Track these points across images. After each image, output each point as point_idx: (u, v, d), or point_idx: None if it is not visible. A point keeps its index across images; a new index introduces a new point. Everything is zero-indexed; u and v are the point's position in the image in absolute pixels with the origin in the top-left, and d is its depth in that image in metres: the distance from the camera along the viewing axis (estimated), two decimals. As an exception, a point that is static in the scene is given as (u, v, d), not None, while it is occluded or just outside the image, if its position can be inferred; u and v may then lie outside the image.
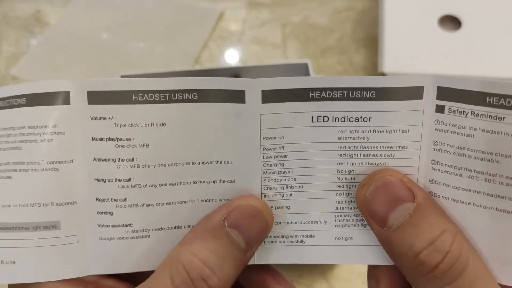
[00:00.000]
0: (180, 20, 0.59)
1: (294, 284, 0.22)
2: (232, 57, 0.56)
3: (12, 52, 0.57)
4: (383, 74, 0.47)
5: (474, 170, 0.19)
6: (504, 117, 0.18)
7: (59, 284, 0.20)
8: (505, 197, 0.19)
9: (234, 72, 0.45)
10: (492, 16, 0.49)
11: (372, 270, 0.22)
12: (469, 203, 0.19)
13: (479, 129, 0.19)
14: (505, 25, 0.49)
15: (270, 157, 0.20)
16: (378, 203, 0.19)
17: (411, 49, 0.48)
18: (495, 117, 0.18)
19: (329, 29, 0.58)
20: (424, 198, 0.19)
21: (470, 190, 0.19)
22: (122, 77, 0.43)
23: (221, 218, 0.19)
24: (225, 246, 0.18)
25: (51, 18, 0.60)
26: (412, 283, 0.19)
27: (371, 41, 0.56)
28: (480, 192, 0.19)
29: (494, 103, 0.18)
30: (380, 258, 0.21)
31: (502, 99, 0.18)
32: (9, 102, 0.20)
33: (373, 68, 0.54)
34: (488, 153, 0.19)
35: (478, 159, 0.19)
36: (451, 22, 0.50)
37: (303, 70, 0.45)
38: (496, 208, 0.19)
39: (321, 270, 0.41)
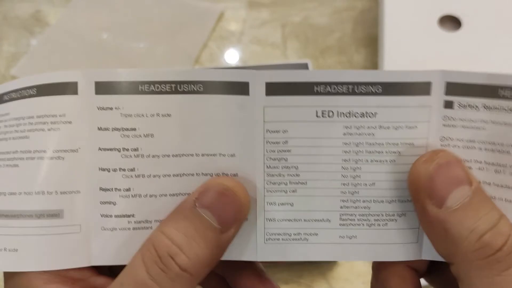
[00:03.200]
0: (180, 20, 0.59)
1: None
2: (232, 57, 0.56)
3: (12, 52, 0.57)
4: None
5: (484, 161, 0.19)
6: None
7: (46, 277, 0.20)
8: None
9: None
10: (492, 16, 0.49)
11: (379, 273, 0.22)
12: None
13: (491, 121, 0.19)
14: (505, 25, 0.49)
15: (274, 151, 0.20)
16: (439, 181, 0.18)
17: (411, 49, 0.48)
18: (508, 109, 0.18)
19: (329, 29, 0.58)
20: (479, 185, 0.18)
21: (479, 182, 0.19)
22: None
23: (192, 200, 0.19)
24: (195, 226, 0.18)
25: (51, 18, 0.60)
26: (463, 270, 0.18)
27: (371, 41, 0.56)
28: (489, 183, 0.19)
29: (507, 95, 0.18)
30: (383, 255, 0.21)
31: None
32: (21, 93, 0.20)
33: (373, 68, 0.54)
34: (498, 144, 0.19)
35: (488, 150, 0.19)
36: (451, 22, 0.50)
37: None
38: (505, 199, 0.19)
39: (321, 270, 0.41)
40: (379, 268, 0.22)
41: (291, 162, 0.20)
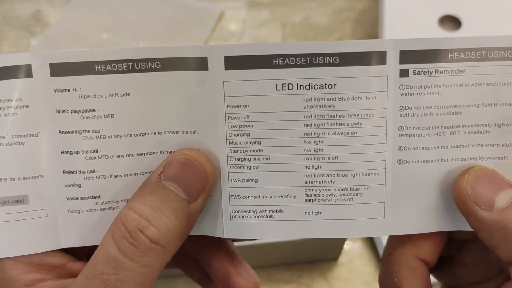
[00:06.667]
0: (180, 20, 0.59)
1: (257, 278, 0.22)
2: (232, 57, 0.57)
3: (12, 52, 0.57)
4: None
5: (441, 126, 0.20)
6: (464, 69, 0.19)
7: (22, 267, 0.20)
8: (468, 145, 0.20)
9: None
10: (492, 16, 0.49)
11: (388, 265, 0.21)
12: (438, 160, 0.20)
13: (443, 85, 0.19)
14: (505, 25, 0.49)
15: (235, 126, 0.20)
16: (481, 187, 0.19)
17: (411, 49, 0.48)
18: (456, 71, 0.19)
19: (329, 29, 0.58)
20: None
21: (438, 147, 0.20)
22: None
23: (157, 174, 0.19)
24: (161, 198, 0.18)
25: (51, 18, 0.60)
26: None
27: (371, 41, 0.56)
28: (447, 147, 0.20)
29: (455, 58, 0.19)
30: (349, 231, 0.21)
31: (462, 53, 0.19)
32: None
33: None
34: (452, 107, 0.20)
35: (444, 114, 0.20)
36: (451, 22, 0.50)
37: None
38: (461, 158, 0.20)
39: (321, 270, 0.41)
40: (388, 260, 0.22)
41: (253, 137, 0.20)
